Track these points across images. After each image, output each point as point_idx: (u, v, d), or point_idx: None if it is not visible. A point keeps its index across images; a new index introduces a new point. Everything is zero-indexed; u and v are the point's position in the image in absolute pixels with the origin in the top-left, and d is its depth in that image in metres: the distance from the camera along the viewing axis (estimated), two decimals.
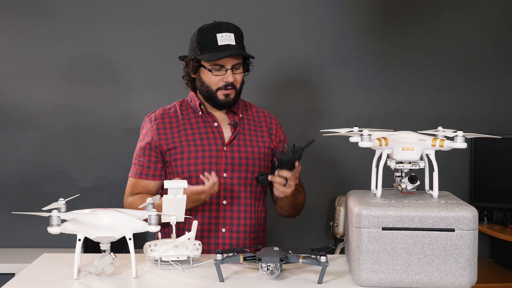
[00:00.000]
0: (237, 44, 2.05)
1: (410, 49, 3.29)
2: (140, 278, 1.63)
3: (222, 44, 2.03)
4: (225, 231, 2.08)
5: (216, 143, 2.10)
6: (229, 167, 2.08)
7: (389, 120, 3.25)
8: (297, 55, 3.26)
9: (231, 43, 2.04)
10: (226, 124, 2.14)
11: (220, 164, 2.08)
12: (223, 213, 2.07)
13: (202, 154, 2.08)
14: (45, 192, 3.18)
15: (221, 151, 2.09)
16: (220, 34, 2.04)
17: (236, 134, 2.13)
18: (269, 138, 2.18)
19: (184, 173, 2.07)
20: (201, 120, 2.14)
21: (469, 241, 1.52)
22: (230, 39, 2.04)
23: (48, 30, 3.17)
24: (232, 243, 2.07)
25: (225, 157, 2.09)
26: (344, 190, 3.16)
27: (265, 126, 2.19)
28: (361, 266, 1.54)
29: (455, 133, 1.67)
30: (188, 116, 2.15)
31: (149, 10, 3.20)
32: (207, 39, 2.04)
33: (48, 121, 3.20)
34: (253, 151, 2.12)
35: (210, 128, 2.12)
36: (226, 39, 2.04)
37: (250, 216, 2.10)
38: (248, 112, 2.20)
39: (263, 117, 2.22)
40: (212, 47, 2.03)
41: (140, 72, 3.22)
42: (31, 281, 1.61)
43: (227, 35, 2.04)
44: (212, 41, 2.03)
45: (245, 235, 2.09)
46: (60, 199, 1.65)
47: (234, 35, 2.05)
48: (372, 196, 1.68)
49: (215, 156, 2.08)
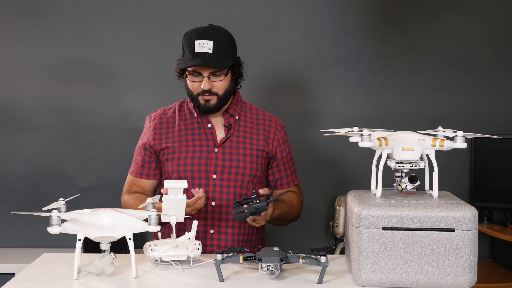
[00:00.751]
0: (214, 53, 2.01)
1: (410, 49, 3.29)
2: (140, 278, 1.63)
3: (197, 51, 2.01)
4: (213, 232, 2.08)
5: (207, 144, 2.10)
6: (219, 168, 2.08)
7: (389, 120, 3.25)
8: (297, 55, 3.26)
9: (207, 51, 2.01)
10: (221, 126, 2.14)
11: (210, 166, 2.08)
12: (211, 215, 2.07)
13: (193, 155, 2.08)
14: (45, 192, 3.18)
15: (212, 152, 2.09)
16: (198, 41, 2.02)
17: (229, 136, 2.12)
18: (264, 141, 2.15)
19: (174, 173, 2.08)
20: (196, 121, 2.14)
21: (469, 241, 1.52)
22: (207, 47, 2.01)
23: (48, 30, 3.17)
24: (220, 244, 2.07)
25: (216, 159, 2.08)
26: (344, 190, 3.16)
27: (263, 129, 2.17)
28: (361, 266, 1.54)
29: (455, 133, 1.67)
30: (185, 117, 2.16)
31: (149, 10, 3.20)
32: (187, 45, 2.04)
33: (48, 121, 3.20)
34: (245, 153, 2.11)
35: (204, 129, 2.12)
36: (202, 47, 2.01)
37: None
38: (247, 114, 2.19)
39: (262, 120, 2.19)
40: (189, 53, 2.03)
41: (140, 72, 3.22)
42: (31, 281, 1.61)
43: (205, 43, 2.02)
44: (190, 48, 2.03)
45: (233, 237, 2.08)
46: (60, 199, 1.65)
47: (213, 42, 2.02)
48: (372, 196, 1.68)
49: (205, 157, 2.08)
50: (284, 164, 2.19)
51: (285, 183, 2.20)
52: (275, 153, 2.17)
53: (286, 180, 2.20)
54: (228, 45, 2.06)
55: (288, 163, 2.21)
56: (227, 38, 2.06)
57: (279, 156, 2.17)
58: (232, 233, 2.08)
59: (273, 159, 2.17)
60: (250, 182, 2.10)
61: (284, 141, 2.21)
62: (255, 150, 2.13)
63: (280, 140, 2.19)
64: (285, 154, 2.19)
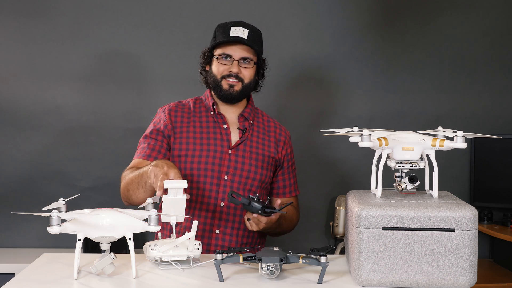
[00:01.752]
0: (248, 39, 2.06)
1: (410, 49, 3.29)
2: (140, 278, 1.63)
3: (233, 35, 2.06)
4: (219, 232, 2.07)
5: (222, 144, 2.09)
6: (231, 170, 2.08)
7: (389, 120, 3.25)
8: (297, 55, 3.26)
9: (242, 36, 2.06)
10: (236, 128, 2.14)
11: (222, 166, 2.07)
12: (219, 215, 2.07)
13: (207, 153, 2.07)
14: (45, 192, 3.18)
15: (226, 153, 2.09)
16: (234, 28, 2.07)
17: (244, 139, 2.12)
18: (275, 149, 2.17)
19: (187, 169, 2.07)
20: (211, 120, 2.14)
21: (469, 241, 1.52)
22: (243, 33, 2.07)
23: (48, 30, 3.17)
24: (224, 245, 2.07)
25: (229, 160, 2.08)
26: (344, 190, 3.16)
27: (274, 136, 2.19)
28: (361, 266, 1.54)
29: (455, 133, 1.67)
30: (200, 114, 2.15)
31: (149, 10, 3.20)
32: (222, 31, 2.09)
33: (48, 121, 3.20)
34: (257, 158, 2.12)
35: (219, 129, 2.12)
36: (238, 32, 2.06)
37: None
38: (259, 120, 2.21)
39: (273, 127, 2.22)
40: (224, 36, 2.07)
41: (140, 72, 3.22)
42: (31, 281, 1.60)
43: (241, 29, 2.07)
44: (225, 32, 2.08)
45: (237, 239, 2.09)
46: (60, 199, 1.65)
47: (249, 31, 2.08)
48: (372, 196, 1.68)
49: (219, 158, 2.08)
50: (289, 174, 2.22)
51: (287, 192, 2.22)
52: (282, 161, 2.20)
53: (288, 189, 2.22)
54: (260, 39, 2.14)
55: (292, 173, 2.24)
56: (260, 34, 2.14)
57: (285, 165, 2.20)
58: (236, 234, 2.08)
59: (280, 167, 2.20)
60: (258, 187, 2.12)
61: (291, 151, 2.25)
62: (266, 157, 2.14)
63: (288, 149, 2.22)
64: (290, 163, 2.23)
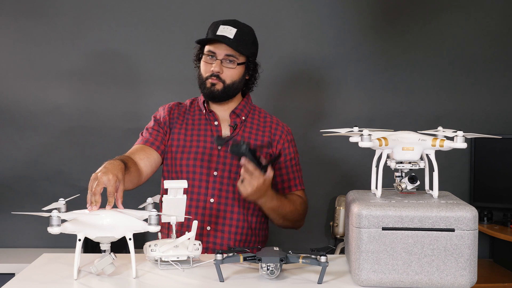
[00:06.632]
0: (234, 39, 2.05)
1: (410, 49, 3.29)
2: (140, 278, 1.63)
3: (219, 34, 2.05)
4: (210, 229, 2.07)
5: (212, 141, 2.11)
6: (220, 166, 2.08)
7: (389, 120, 3.25)
8: (297, 55, 3.26)
9: (228, 35, 2.05)
10: (227, 125, 2.15)
11: (211, 162, 2.08)
12: (209, 211, 2.07)
13: (196, 150, 2.09)
14: (45, 192, 3.18)
15: (215, 149, 2.10)
16: (223, 26, 2.07)
17: (234, 135, 2.13)
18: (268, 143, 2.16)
19: (176, 166, 2.09)
20: (203, 118, 2.16)
21: (469, 241, 1.52)
22: (230, 33, 2.05)
23: (48, 30, 3.18)
24: (216, 242, 2.07)
25: (218, 156, 2.09)
26: (344, 190, 3.16)
27: (268, 131, 2.18)
28: (361, 266, 1.54)
29: (455, 133, 1.67)
30: (194, 112, 2.18)
31: (149, 10, 3.20)
32: (212, 28, 2.09)
33: (48, 121, 3.20)
34: None
35: (210, 126, 2.14)
36: (225, 31, 2.06)
37: (237, 217, 2.09)
38: (254, 116, 2.20)
39: (269, 123, 2.20)
40: (211, 34, 2.07)
41: (140, 72, 3.22)
42: (31, 281, 1.60)
43: (228, 28, 2.06)
44: (214, 30, 2.07)
45: (229, 236, 2.08)
46: (60, 199, 1.65)
47: (237, 31, 2.06)
48: (372, 196, 1.68)
49: (209, 154, 2.09)
50: (287, 169, 2.18)
51: (286, 187, 2.19)
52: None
53: (287, 184, 2.19)
54: (249, 40, 2.11)
55: (292, 168, 2.19)
56: (251, 34, 2.12)
57: (282, 159, 2.17)
58: (228, 231, 2.08)
59: (277, 162, 2.17)
60: None
61: (290, 145, 2.20)
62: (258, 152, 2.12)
63: (285, 144, 2.18)
64: (289, 158, 2.18)
